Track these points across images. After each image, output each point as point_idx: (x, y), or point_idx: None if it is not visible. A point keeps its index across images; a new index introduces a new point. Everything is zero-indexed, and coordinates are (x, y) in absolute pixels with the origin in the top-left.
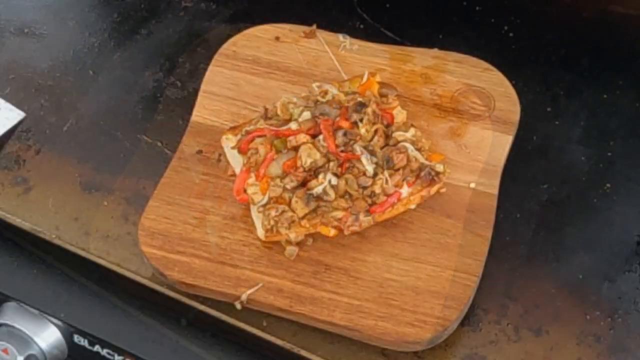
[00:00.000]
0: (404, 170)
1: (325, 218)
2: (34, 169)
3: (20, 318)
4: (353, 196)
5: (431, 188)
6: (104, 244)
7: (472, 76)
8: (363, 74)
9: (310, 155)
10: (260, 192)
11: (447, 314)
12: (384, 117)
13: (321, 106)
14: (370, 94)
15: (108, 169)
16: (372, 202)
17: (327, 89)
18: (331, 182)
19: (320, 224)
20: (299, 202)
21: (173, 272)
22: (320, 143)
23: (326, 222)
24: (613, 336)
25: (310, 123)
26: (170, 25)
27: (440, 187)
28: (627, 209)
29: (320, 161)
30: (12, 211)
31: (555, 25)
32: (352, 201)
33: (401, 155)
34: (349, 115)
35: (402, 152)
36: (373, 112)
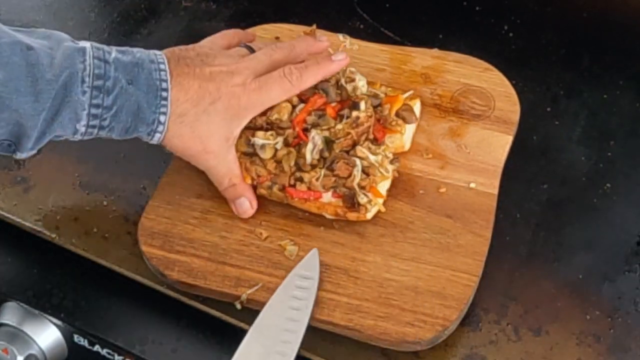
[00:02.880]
0: (339, 180)
1: (249, 170)
2: (34, 169)
3: (20, 318)
4: (283, 168)
5: (349, 212)
6: (104, 243)
7: (472, 76)
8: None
9: (278, 112)
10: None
11: (447, 314)
12: (375, 132)
13: (325, 84)
14: (386, 108)
15: (108, 169)
16: (293, 184)
17: (355, 77)
18: (275, 145)
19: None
20: (241, 140)
21: (173, 272)
22: (296, 110)
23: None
24: (613, 336)
25: (308, 90)
26: (170, 25)
27: (360, 216)
28: (627, 209)
29: (283, 123)
30: (12, 211)
31: (555, 25)
32: (279, 171)
33: (346, 167)
34: (342, 109)
35: (350, 165)
36: (358, 118)
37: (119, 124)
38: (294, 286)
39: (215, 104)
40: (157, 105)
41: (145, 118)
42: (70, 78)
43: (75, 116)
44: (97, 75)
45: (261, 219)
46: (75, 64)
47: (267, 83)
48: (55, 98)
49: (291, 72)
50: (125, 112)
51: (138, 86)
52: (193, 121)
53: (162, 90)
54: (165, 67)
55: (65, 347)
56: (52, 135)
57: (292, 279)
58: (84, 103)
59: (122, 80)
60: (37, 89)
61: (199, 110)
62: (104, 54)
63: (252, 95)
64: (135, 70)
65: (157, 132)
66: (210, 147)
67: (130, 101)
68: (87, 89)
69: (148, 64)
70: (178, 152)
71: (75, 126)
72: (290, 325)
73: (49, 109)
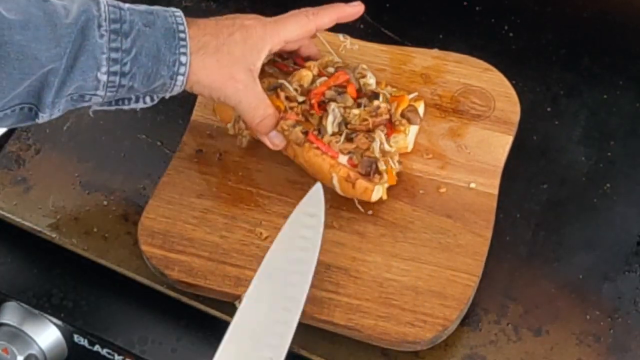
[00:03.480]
0: (358, 150)
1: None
2: (34, 168)
3: (20, 318)
4: (307, 118)
5: (361, 178)
6: (104, 243)
7: (472, 76)
8: (410, 93)
9: (299, 79)
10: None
11: (447, 314)
12: (387, 126)
13: (344, 66)
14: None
15: (108, 169)
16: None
17: (367, 74)
18: (297, 98)
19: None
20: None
21: (173, 271)
22: (316, 82)
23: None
24: (613, 336)
25: (330, 69)
26: None
27: (367, 189)
28: (627, 209)
29: (303, 91)
30: (12, 211)
31: (555, 25)
32: (304, 119)
33: (366, 140)
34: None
35: (369, 140)
36: (379, 107)
37: (140, 68)
38: (300, 225)
39: (234, 35)
40: (177, 46)
41: (166, 59)
42: (87, 23)
43: (95, 62)
44: (114, 19)
45: (261, 219)
46: (91, 11)
47: (283, 18)
48: (75, 42)
49: (307, 10)
50: (145, 55)
51: (155, 29)
52: (215, 51)
53: (179, 32)
54: (181, 14)
55: (65, 347)
56: (73, 85)
57: (297, 216)
58: (103, 46)
59: (138, 23)
60: (56, 34)
61: (219, 42)
62: (117, 3)
63: (267, 26)
64: (150, 17)
65: (180, 75)
66: (238, 76)
67: (149, 42)
68: (104, 32)
69: (162, 12)
70: (206, 88)
71: (96, 75)
72: (298, 267)
73: (68, 54)
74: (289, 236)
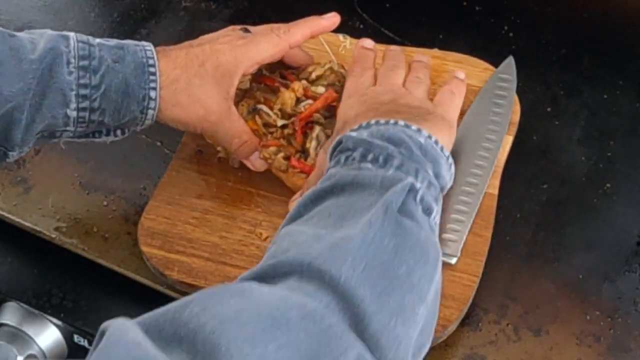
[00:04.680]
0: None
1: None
2: (34, 169)
3: (20, 318)
4: (290, 141)
5: None
6: (104, 243)
7: (472, 76)
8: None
9: (282, 102)
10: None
11: (447, 314)
12: None
13: (336, 83)
14: None
15: (108, 169)
16: (298, 155)
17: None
18: (277, 123)
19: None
20: (244, 107)
21: (173, 272)
22: (300, 105)
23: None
24: (613, 336)
25: (321, 88)
26: (170, 25)
27: None
28: (627, 209)
29: (285, 115)
30: (12, 211)
31: (555, 25)
32: (287, 143)
33: None
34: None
35: None
36: None
37: (109, 104)
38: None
39: (205, 65)
40: (146, 81)
41: (135, 94)
42: (55, 60)
43: (63, 98)
44: (82, 56)
45: (261, 219)
46: (59, 47)
47: (255, 38)
48: (41, 79)
49: (279, 27)
50: (114, 91)
51: (124, 64)
52: (186, 86)
53: (149, 66)
54: (151, 47)
55: (65, 347)
56: (42, 123)
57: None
58: (71, 83)
59: (107, 60)
60: (21, 69)
61: (190, 74)
62: (87, 39)
63: (238, 50)
64: (120, 52)
65: (150, 109)
66: (211, 108)
67: (118, 78)
68: (73, 69)
69: (133, 47)
70: (181, 123)
71: (66, 112)
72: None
73: (35, 90)
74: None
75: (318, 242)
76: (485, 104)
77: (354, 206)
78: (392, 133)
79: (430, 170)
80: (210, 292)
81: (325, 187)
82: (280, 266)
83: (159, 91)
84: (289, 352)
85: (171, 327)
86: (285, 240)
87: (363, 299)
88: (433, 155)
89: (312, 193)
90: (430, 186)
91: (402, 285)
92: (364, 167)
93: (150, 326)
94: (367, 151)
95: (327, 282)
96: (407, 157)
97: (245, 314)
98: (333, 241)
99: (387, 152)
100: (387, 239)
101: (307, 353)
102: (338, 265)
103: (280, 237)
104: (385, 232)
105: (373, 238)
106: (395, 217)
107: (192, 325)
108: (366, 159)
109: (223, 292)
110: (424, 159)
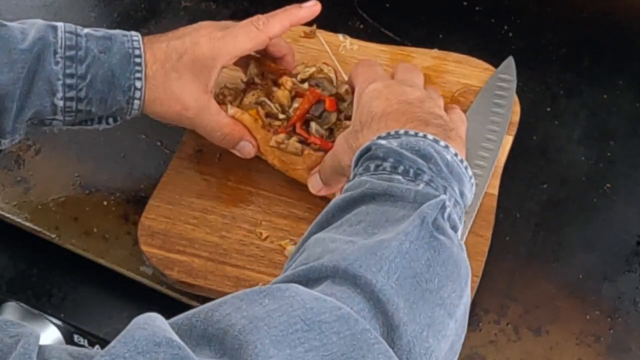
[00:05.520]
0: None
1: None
2: (34, 169)
3: (20, 318)
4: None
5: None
6: (104, 243)
7: (472, 76)
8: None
9: (277, 100)
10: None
11: None
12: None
13: (320, 79)
14: None
15: (108, 169)
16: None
17: (324, 68)
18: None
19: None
20: (254, 96)
21: (173, 271)
22: (294, 103)
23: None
24: (613, 336)
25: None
26: (170, 25)
27: None
28: (627, 209)
29: (282, 114)
30: (12, 211)
31: (555, 25)
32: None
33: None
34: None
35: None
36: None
37: (95, 94)
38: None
39: (182, 59)
40: (132, 71)
41: (121, 85)
42: (43, 50)
43: (50, 87)
44: (69, 46)
45: (261, 219)
46: (47, 37)
47: (233, 31)
48: (30, 68)
49: (258, 18)
50: (100, 81)
51: (111, 54)
52: (164, 81)
53: (135, 56)
54: (139, 38)
55: None
56: (30, 111)
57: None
58: (58, 73)
59: (94, 50)
60: (11, 58)
61: (167, 68)
62: (75, 29)
63: (216, 43)
64: (107, 42)
65: (135, 99)
66: (189, 104)
67: (103, 68)
68: (60, 59)
69: (121, 37)
70: (163, 118)
71: (53, 101)
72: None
73: (24, 80)
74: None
75: (352, 247)
76: (485, 104)
77: (386, 215)
78: (421, 147)
79: (456, 188)
80: (245, 292)
81: (356, 195)
82: (314, 271)
83: (144, 81)
84: (318, 355)
85: (202, 326)
86: (318, 247)
87: (397, 307)
88: (459, 173)
89: (341, 200)
90: (456, 204)
91: (432, 299)
92: (395, 179)
93: (181, 326)
94: (398, 162)
95: (362, 287)
96: (436, 174)
97: (276, 314)
98: (369, 246)
99: (417, 167)
100: (422, 251)
101: (337, 357)
102: (374, 272)
103: (311, 244)
104: (421, 244)
105: (409, 248)
106: (431, 230)
107: (223, 324)
108: (397, 171)
109: (257, 293)
110: (450, 177)
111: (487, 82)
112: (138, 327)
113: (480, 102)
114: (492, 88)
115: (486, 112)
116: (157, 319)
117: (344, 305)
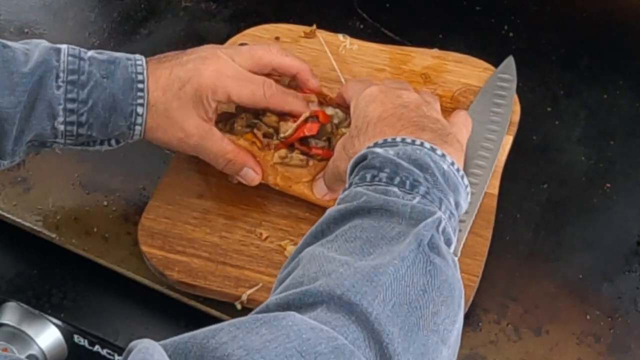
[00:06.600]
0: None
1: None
2: (34, 169)
3: (20, 318)
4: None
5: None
6: (104, 243)
7: (472, 76)
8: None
9: (270, 124)
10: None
11: None
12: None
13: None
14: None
15: (108, 169)
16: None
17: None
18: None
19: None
20: (243, 119)
21: (173, 272)
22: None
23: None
24: (613, 336)
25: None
26: (170, 25)
27: None
28: (627, 209)
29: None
30: (12, 211)
31: (555, 25)
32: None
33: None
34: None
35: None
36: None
37: (96, 119)
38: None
39: (185, 88)
40: (134, 97)
41: (122, 110)
42: (45, 73)
43: (51, 112)
44: (71, 70)
45: (261, 219)
46: (50, 61)
47: (243, 81)
48: (31, 92)
49: (271, 86)
50: (101, 106)
51: (113, 80)
52: (166, 109)
53: (137, 82)
54: (142, 62)
55: (65, 347)
56: (31, 134)
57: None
58: (60, 97)
59: (96, 75)
60: (12, 82)
61: (169, 96)
62: (79, 52)
63: (222, 82)
64: (110, 67)
65: (137, 125)
66: (190, 131)
67: (105, 93)
68: (61, 83)
69: (125, 61)
70: (165, 145)
71: (53, 124)
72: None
73: (25, 103)
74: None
75: (348, 271)
76: (485, 104)
77: (382, 232)
78: (418, 156)
79: (452, 199)
80: (242, 320)
81: (351, 208)
82: (310, 295)
83: (146, 107)
84: None
85: (198, 353)
86: (313, 265)
87: (391, 337)
88: (454, 183)
89: (336, 212)
90: (451, 217)
91: (427, 325)
92: (391, 192)
93: (177, 349)
94: (395, 173)
95: (357, 316)
96: (433, 185)
97: (272, 345)
98: (365, 272)
99: (414, 177)
100: (417, 276)
101: None
102: (370, 300)
103: (307, 260)
104: (417, 269)
105: (404, 274)
106: (428, 254)
107: (219, 353)
108: (393, 182)
109: (254, 321)
110: (446, 187)
111: (487, 82)
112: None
113: (480, 102)
114: (492, 88)
115: (486, 112)
116: (154, 354)
117: (340, 335)
